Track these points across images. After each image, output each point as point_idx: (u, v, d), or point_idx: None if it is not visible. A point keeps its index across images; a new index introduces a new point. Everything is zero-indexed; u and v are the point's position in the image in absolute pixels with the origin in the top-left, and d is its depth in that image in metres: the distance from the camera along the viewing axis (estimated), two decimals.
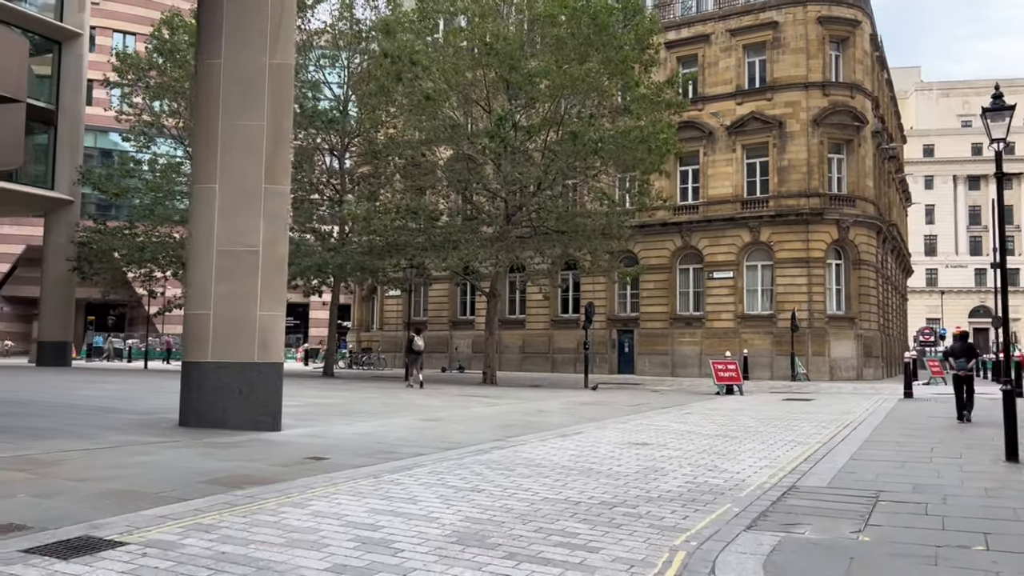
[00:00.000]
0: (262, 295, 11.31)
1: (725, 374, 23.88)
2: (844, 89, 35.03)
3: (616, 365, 38.88)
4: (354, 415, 14.43)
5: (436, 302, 44.25)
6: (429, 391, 22.69)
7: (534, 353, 40.87)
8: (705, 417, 15.59)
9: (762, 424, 14.28)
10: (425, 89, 25.30)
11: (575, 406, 18.06)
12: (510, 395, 21.90)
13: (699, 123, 36.77)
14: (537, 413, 15.80)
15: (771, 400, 21.36)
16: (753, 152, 36.07)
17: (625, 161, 27.33)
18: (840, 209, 34.57)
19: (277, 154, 11.62)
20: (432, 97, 25.26)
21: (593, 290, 38.93)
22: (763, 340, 35.00)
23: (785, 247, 34.74)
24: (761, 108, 35.58)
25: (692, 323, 36.90)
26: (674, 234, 37.41)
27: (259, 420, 11.13)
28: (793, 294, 34.38)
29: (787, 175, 34.98)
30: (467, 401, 18.80)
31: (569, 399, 20.57)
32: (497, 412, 15.90)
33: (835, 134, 34.96)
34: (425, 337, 44.18)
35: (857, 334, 34.57)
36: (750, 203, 35.84)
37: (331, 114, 31.68)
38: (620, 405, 18.65)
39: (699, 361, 36.06)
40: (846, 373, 33.98)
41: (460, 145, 28.55)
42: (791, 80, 35.03)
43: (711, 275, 36.40)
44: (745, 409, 17.95)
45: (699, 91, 37.14)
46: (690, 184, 37.67)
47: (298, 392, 20.85)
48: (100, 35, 61.27)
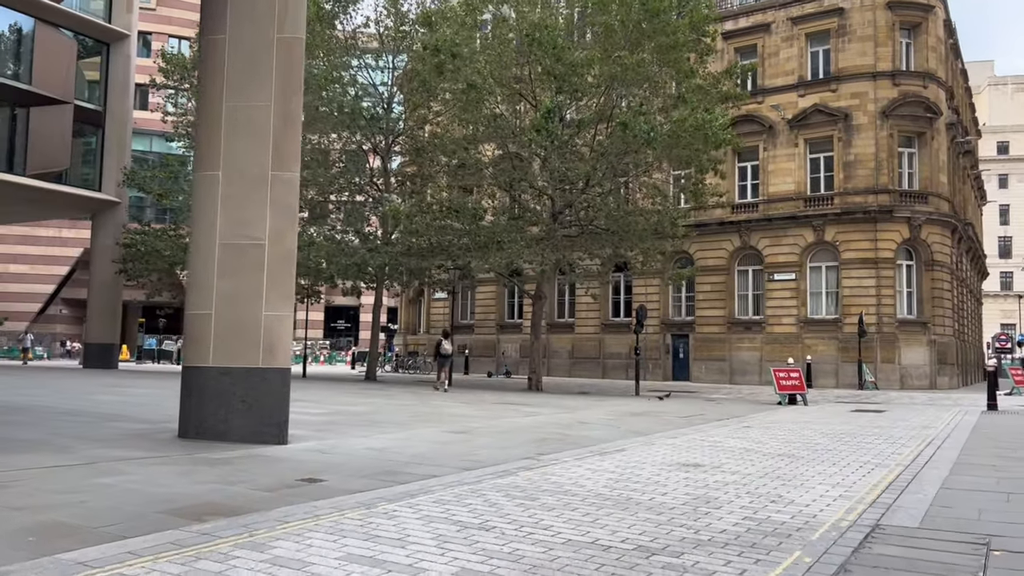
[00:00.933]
0: (268, 294, 10.22)
1: (787, 382, 22.13)
2: (916, 79, 32.80)
3: (670, 371, 37.19)
4: (377, 425, 13.27)
5: (483, 305, 43.13)
6: (467, 398, 21.48)
7: (584, 358, 39.41)
8: (766, 431, 14.02)
9: (831, 440, 12.67)
10: (468, 77, 24.10)
11: (622, 417, 16.63)
12: (553, 403, 20.55)
13: (759, 117, 34.90)
14: (578, 425, 14.44)
15: (838, 411, 19.58)
16: (817, 147, 34.06)
17: (679, 155, 25.76)
18: (911, 206, 32.35)
19: (285, 137, 10.53)
20: (475, 86, 24.06)
21: (645, 292, 37.33)
22: (827, 346, 32.95)
23: (852, 247, 32.66)
24: (825, 100, 33.56)
25: (751, 328, 35.01)
26: (732, 234, 35.58)
27: (263, 432, 10.03)
28: (860, 297, 32.27)
29: (853, 170, 32.89)
30: (504, 410, 17.52)
31: (616, 408, 19.13)
32: (534, 423, 14.58)
33: (906, 127, 32.74)
34: (471, 341, 43.31)
35: (930, 340, 32.27)
36: (814, 200, 33.83)
37: (373, 111, 30.79)
38: (671, 416, 17.16)
39: (759, 368, 34.18)
40: (918, 382, 31.72)
41: (505, 142, 27.35)
42: (858, 70, 32.95)
43: (772, 277, 34.48)
44: (810, 422, 16.29)
45: (758, 83, 35.28)
46: (749, 181, 35.81)
47: (330, 398, 19.86)
48: (156, 40, 62.00)
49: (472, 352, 42.47)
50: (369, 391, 23.85)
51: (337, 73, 30.76)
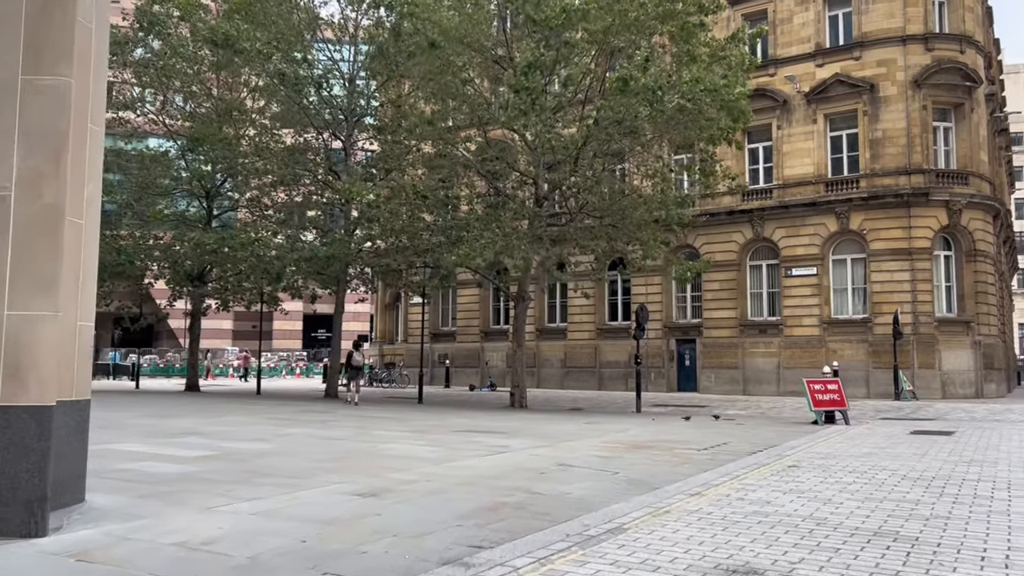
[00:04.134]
0: (12, 279, 6.03)
1: (825, 396, 17.92)
2: (951, 42, 28.68)
3: (675, 381, 32.97)
4: (253, 481, 9.04)
5: (465, 310, 38.92)
6: (426, 423, 17.22)
7: (577, 367, 35.18)
8: (823, 474, 9.81)
9: (927, 492, 8.48)
10: (429, 35, 19.92)
11: (619, 450, 12.41)
12: (533, 428, 16.31)
13: (771, 91, 30.78)
14: (556, 471, 10.21)
15: (894, 434, 15.38)
16: (838, 123, 29.92)
17: (685, 128, 21.53)
18: (950, 188, 28.19)
19: (48, 22, 6.34)
20: (437, 45, 19.86)
21: (646, 292, 33.16)
22: (855, 350, 28.75)
23: (881, 236, 28.48)
24: (847, 69, 29.43)
25: (767, 330, 30.80)
26: (743, 224, 31.40)
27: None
28: (893, 293, 28.10)
29: (881, 149, 28.74)
30: (464, 443, 13.29)
31: (613, 436, 14.90)
32: (494, 469, 10.35)
33: (941, 97, 28.60)
34: (453, 351, 39.08)
35: (974, 341, 28.05)
36: (836, 184, 29.67)
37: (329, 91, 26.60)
38: (686, 448, 12.94)
39: (777, 376, 30.01)
40: (962, 390, 27.51)
41: (477, 114, 23.18)
42: (884, 34, 28.84)
43: (789, 272, 30.28)
44: (871, 453, 12.09)
45: (770, 53, 31.17)
46: (761, 164, 31.65)
47: (238, 429, 15.56)
48: None
49: (454, 362, 38.25)
50: (305, 415, 19.57)
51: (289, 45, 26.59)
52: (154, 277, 33.01)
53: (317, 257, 25.73)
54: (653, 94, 18.37)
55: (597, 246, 25.06)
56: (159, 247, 31.05)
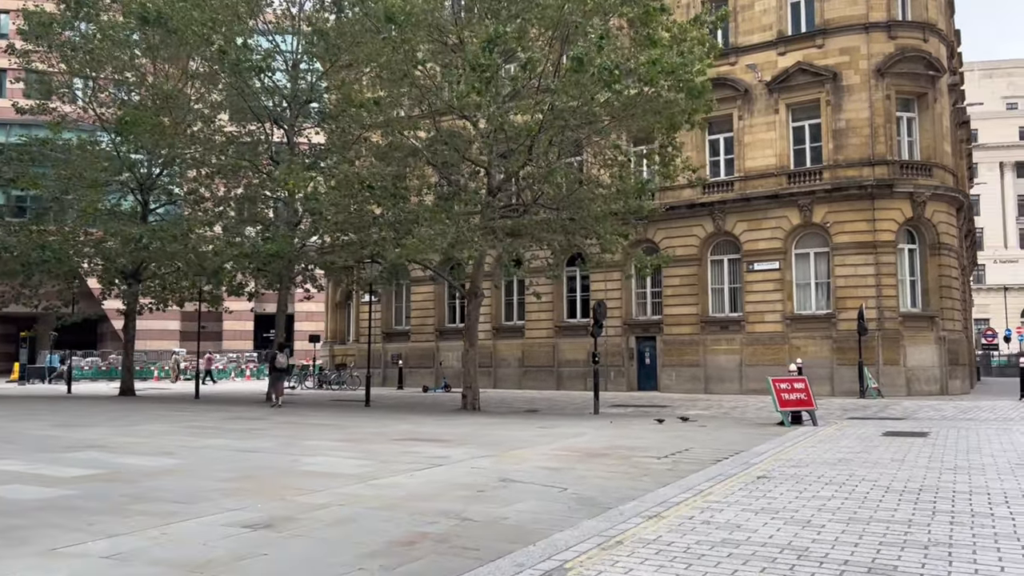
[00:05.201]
0: None
1: (791, 396, 16.90)
2: (914, 30, 27.97)
3: (635, 380, 31.91)
4: (133, 507, 7.64)
5: (420, 308, 37.47)
6: (365, 430, 15.84)
7: (535, 366, 33.97)
8: (799, 488, 8.67)
9: (916, 509, 7.37)
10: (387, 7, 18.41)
11: (571, 461, 11.17)
12: (481, 435, 15.01)
13: (732, 80, 29.83)
14: (498, 488, 8.93)
15: (866, 436, 14.38)
16: (801, 113, 29.05)
17: (644, 114, 20.37)
18: (914, 180, 27.47)
19: None
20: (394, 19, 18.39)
21: (606, 288, 32.06)
22: (819, 346, 27.92)
23: (845, 229, 27.68)
24: (810, 58, 28.58)
25: (729, 327, 29.87)
26: (704, 217, 30.43)
27: None
28: (857, 287, 27.31)
29: (845, 139, 27.94)
30: (401, 454, 11.95)
31: (567, 441, 13.67)
32: (426, 484, 9.05)
33: (905, 86, 27.87)
34: (407, 350, 37.63)
35: (939, 336, 27.39)
36: (799, 176, 28.81)
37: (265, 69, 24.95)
38: (645, 455, 11.76)
39: (739, 374, 29.10)
40: (927, 386, 26.82)
41: (428, 98, 21.79)
42: (847, 21, 28.03)
43: (751, 267, 29.38)
44: (846, 460, 11.03)
45: (731, 41, 30.20)
46: (722, 156, 30.70)
47: (157, 439, 14.03)
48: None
49: (408, 363, 36.81)
50: (234, 423, 18.06)
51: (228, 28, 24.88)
52: (85, 275, 31.12)
53: (258, 253, 24.16)
54: (610, 74, 17.15)
55: (554, 240, 23.88)
56: (90, 242, 29.18)
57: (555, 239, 23.73)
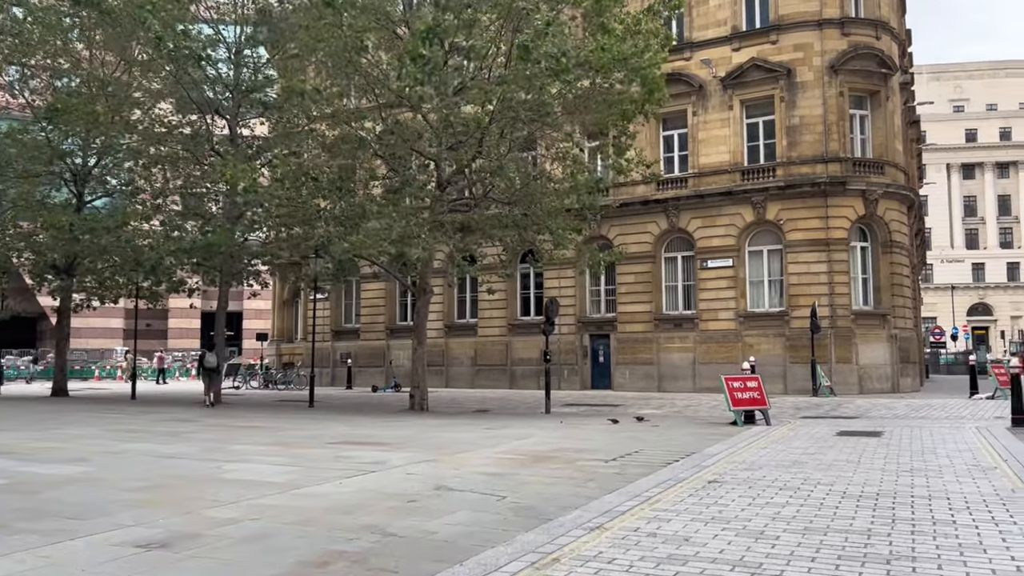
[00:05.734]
0: None
1: (744, 395, 16.52)
2: (867, 28, 27.96)
3: (589, 378, 31.49)
4: (22, 523, 6.84)
5: (370, 305, 36.59)
6: (302, 433, 15.04)
7: (488, 365, 33.34)
8: (752, 494, 8.17)
9: (881, 519, 6.91)
10: None
11: (515, 465, 10.56)
12: (425, 437, 14.33)
13: (686, 75, 29.54)
14: (431, 495, 8.28)
15: (820, 436, 14.04)
16: (755, 109, 28.88)
17: (598, 102, 19.85)
18: (866, 177, 27.44)
19: None
20: (333, 4, 17.57)
21: (559, 286, 31.58)
22: (772, 344, 27.76)
23: (798, 226, 27.57)
24: (764, 54, 28.41)
25: (682, 324, 29.58)
26: (658, 214, 30.11)
27: None
28: (810, 285, 27.20)
29: (799, 136, 27.82)
30: (330, 461, 11.22)
31: (512, 446, 13.06)
32: (354, 494, 8.36)
33: (858, 83, 27.84)
34: (357, 349, 36.71)
35: (890, 335, 27.42)
36: (753, 173, 28.63)
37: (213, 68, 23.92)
38: (593, 458, 11.19)
39: (692, 372, 28.83)
40: (879, 384, 26.83)
41: (377, 93, 21.00)
42: (801, 17, 27.91)
43: (705, 264, 29.14)
44: (800, 462, 10.61)
45: (685, 37, 29.93)
46: (676, 152, 30.41)
47: (75, 444, 13.10)
48: None
49: (357, 361, 35.90)
50: (163, 425, 17.10)
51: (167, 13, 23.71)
52: (16, 270, 29.64)
53: (196, 247, 23.11)
54: (557, 62, 16.57)
55: (506, 235, 23.28)
56: (20, 236, 27.77)
57: (507, 235, 23.14)
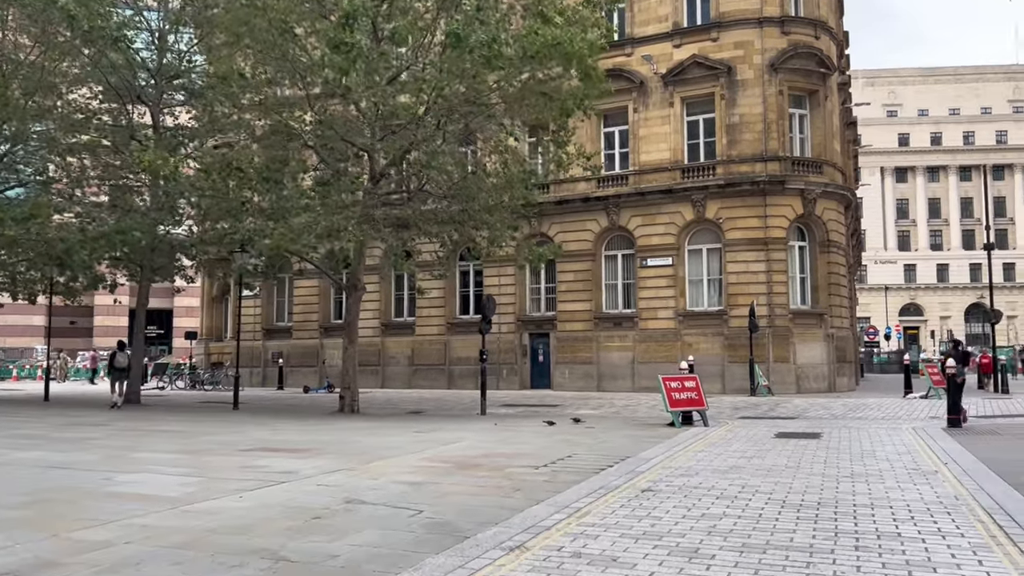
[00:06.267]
0: None
1: (682, 395, 16.10)
2: (806, 27, 27.97)
3: (528, 378, 30.92)
4: None
5: (303, 303, 35.43)
6: (203, 444, 14.07)
7: (426, 365, 32.54)
8: (687, 504, 7.63)
9: (823, 532, 6.43)
10: None
11: (438, 474, 9.85)
12: (348, 442, 13.53)
13: (627, 71, 29.18)
14: (339, 510, 7.53)
15: (758, 437, 13.68)
16: (696, 107, 28.66)
17: (536, 93, 19.24)
18: (805, 177, 27.45)
19: None
20: None
21: (499, 284, 30.94)
22: (711, 343, 27.58)
23: (737, 225, 27.43)
24: (705, 51, 28.20)
25: (622, 323, 29.23)
26: (598, 211, 29.70)
27: None
28: (749, 284, 27.07)
29: (738, 134, 27.68)
30: (236, 470, 10.36)
31: (439, 451, 12.35)
32: (253, 509, 7.56)
33: (797, 82, 27.84)
34: (289, 348, 35.51)
35: (827, 334, 27.49)
36: (693, 171, 28.42)
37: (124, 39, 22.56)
38: (521, 468, 10.55)
39: (631, 371, 28.49)
40: (816, 384, 26.85)
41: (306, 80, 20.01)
42: (742, 15, 27.77)
43: (645, 262, 28.83)
44: (738, 467, 10.17)
45: (626, 32, 29.58)
46: (617, 149, 30.05)
47: None
48: None
49: (290, 361, 34.71)
50: (68, 431, 15.95)
51: None
52: None
53: (107, 235, 21.79)
54: (489, 48, 15.90)
55: (443, 232, 22.54)
56: None
57: (445, 231, 22.42)
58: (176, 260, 26.25)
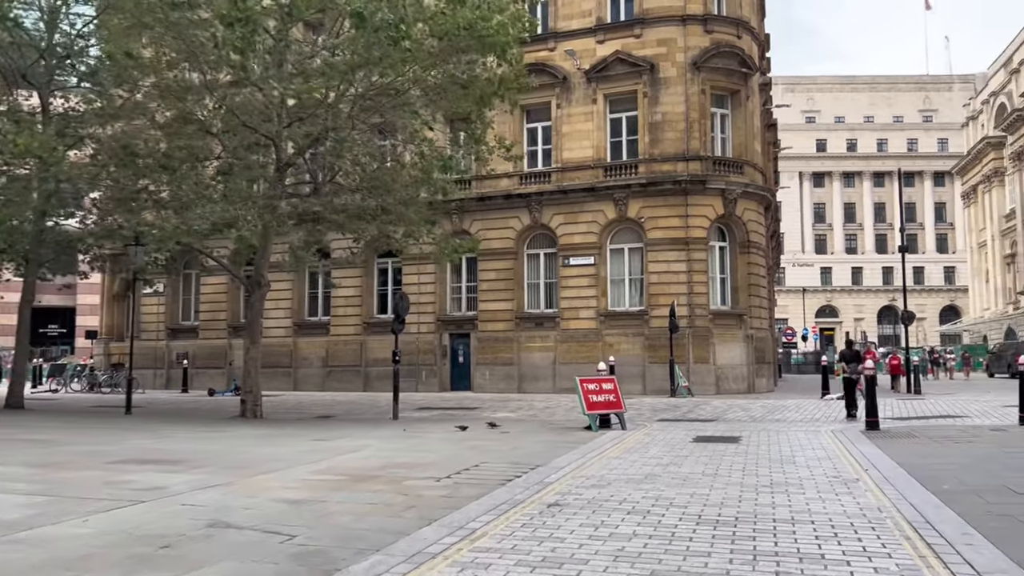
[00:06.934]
0: None
1: (599, 398, 15.49)
2: (729, 26, 27.89)
3: (448, 379, 30.05)
4: None
5: (211, 301, 33.73)
6: (70, 454, 12.74)
7: (341, 366, 31.30)
8: (595, 521, 6.90)
9: (740, 556, 5.77)
10: None
11: (326, 489, 8.89)
12: (232, 453, 12.42)
13: (550, 66, 28.61)
14: (197, 536, 6.53)
15: (676, 442, 13.13)
16: (619, 104, 28.29)
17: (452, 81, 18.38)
18: (726, 176, 27.34)
19: None
20: None
21: (419, 282, 30.01)
22: (632, 344, 27.23)
23: (659, 224, 27.15)
24: (628, 47, 27.85)
25: (544, 323, 28.64)
26: (521, 209, 29.04)
27: None
28: (670, 284, 26.83)
29: (661, 133, 27.41)
30: (96, 486, 9.17)
31: (335, 462, 11.37)
32: (93, 536, 6.49)
33: (719, 82, 27.71)
34: (195, 348, 33.72)
35: (747, 335, 27.44)
36: (615, 169, 28.03)
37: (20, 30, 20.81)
38: (420, 481, 9.67)
39: (552, 372, 27.91)
40: (735, 384, 26.76)
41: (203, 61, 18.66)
42: (665, 12, 27.52)
43: (567, 261, 28.30)
44: (654, 475, 9.53)
45: (550, 26, 29.01)
46: (540, 146, 29.46)
47: None
48: None
49: (196, 362, 32.96)
50: None
51: None
52: None
53: None
54: (396, 29, 14.97)
55: (359, 228, 21.47)
56: None
57: (359, 227, 21.35)
58: (67, 254, 24.41)
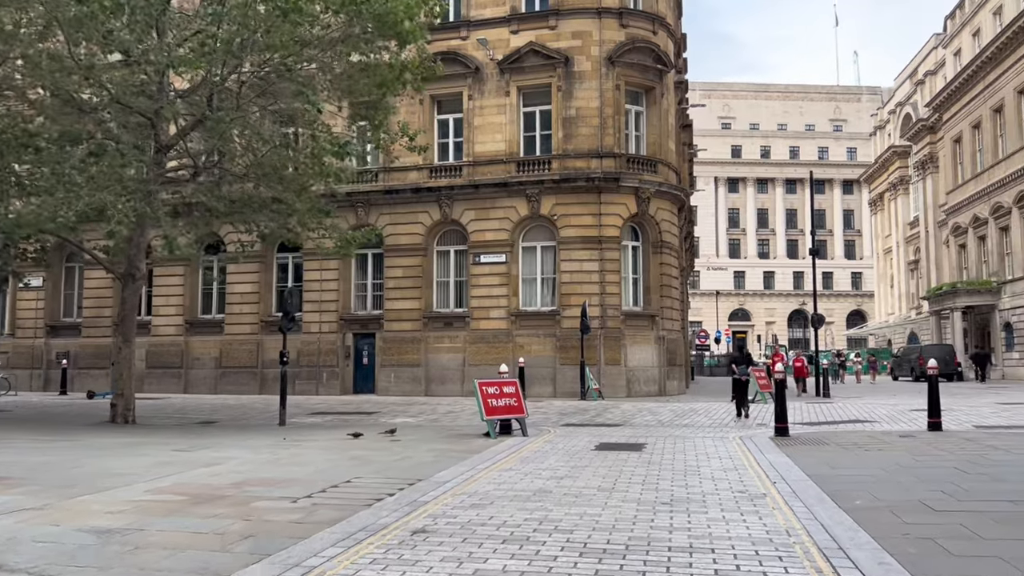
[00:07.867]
0: None
1: (500, 402, 14.40)
2: (645, 21, 27.29)
3: (351, 382, 28.56)
4: None
5: (95, 297, 31.29)
6: None
7: (236, 367, 29.40)
8: (461, 552, 5.80)
9: None
10: None
11: (156, 514, 7.53)
12: (64, 467, 10.84)
13: (463, 56, 27.48)
14: None
15: (577, 451, 12.17)
16: (533, 97, 27.37)
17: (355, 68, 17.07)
18: (640, 175, 26.70)
19: None
20: None
21: (321, 279, 28.50)
22: (543, 345, 26.33)
23: (572, 222, 26.33)
24: (543, 39, 26.96)
25: (453, 323, 27.47)
26: (430, 203, 27.79)
27: None
28: (582, 284, 26.02)
29: (575, 128, 26.60)
30: None
31: (184, 478, 9.96)
32: None
33: (634, 78, 27.08)
34: (78, 347, 31.26)
35: (658, 336, 26.87)
36: (528, 164, 27.08)
37: None
38: (278, 500, 8.40)
39: (461, 374, 26.78)
40: (646, 387, 26.14)
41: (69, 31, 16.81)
42: (581, 3, 26.73)
43: (478, 259, 27.20)
44: (545, 490, 8.52)
45: (462, 14, 27.88)
46: (451, 138, 28.26)
47: None
48: None
49: (79, 362, 30.54)
50: None
51: None
52: None
53: None
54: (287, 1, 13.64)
55: (249, 218, 19.86)
56: None
57: (249, 217, 19.75)
58: None
